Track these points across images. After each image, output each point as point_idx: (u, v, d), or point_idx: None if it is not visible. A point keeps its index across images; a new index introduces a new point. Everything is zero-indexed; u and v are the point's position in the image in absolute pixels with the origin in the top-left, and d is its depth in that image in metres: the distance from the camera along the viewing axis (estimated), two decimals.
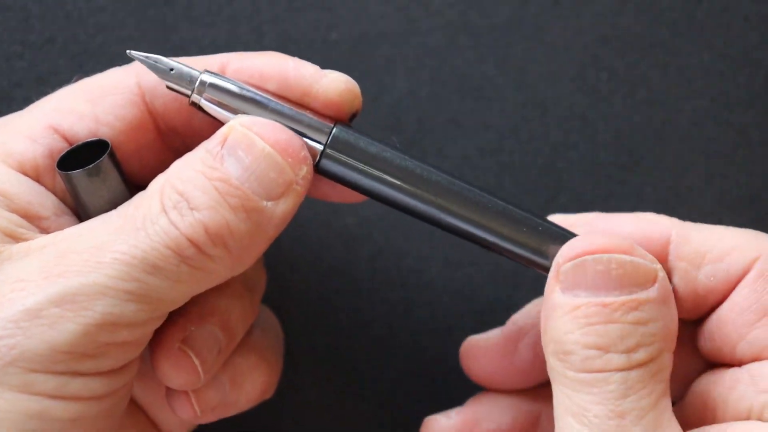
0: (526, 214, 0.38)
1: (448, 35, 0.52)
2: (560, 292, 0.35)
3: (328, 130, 0.38)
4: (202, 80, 0.38)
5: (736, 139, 0.52)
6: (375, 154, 0.38)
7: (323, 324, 0.50)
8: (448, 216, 0.38)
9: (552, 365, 0.35)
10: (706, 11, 0.53)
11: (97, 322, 0.34)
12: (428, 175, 0.38)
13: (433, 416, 0.44)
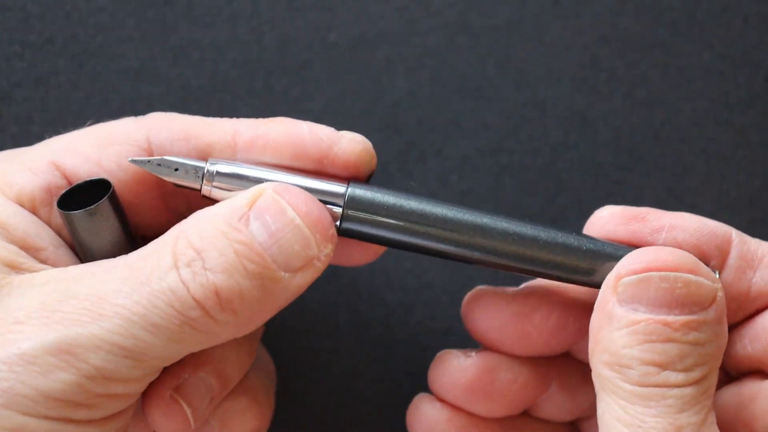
0: (562, 234, 0.38)
1: (447, 36, 0.52)
2: (617, 303, 0.35)
3: (343, 191, 0.38)
4: (208, 170, 0.37)
5: (735, 140, 0.52)
6: (395, 206, 0.38)
7: (323, 325, 0.50)
8: (482, 253, 0.38)
9: (603, 374, 0.36)
10: (706, 11, 0.53)
11: (91, 374, 0.34)
12: (455, 215, 0.38)
13: (450, 351, 0.42)
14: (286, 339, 0.50)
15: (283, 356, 0.50)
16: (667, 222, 0.38)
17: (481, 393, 0.41)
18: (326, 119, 0.51)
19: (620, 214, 0.39)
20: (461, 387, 0.42)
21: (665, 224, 0.38)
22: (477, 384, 0.41)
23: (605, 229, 0.39)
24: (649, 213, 0.39)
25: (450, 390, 0.42)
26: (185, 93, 0.51)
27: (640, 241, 0.38)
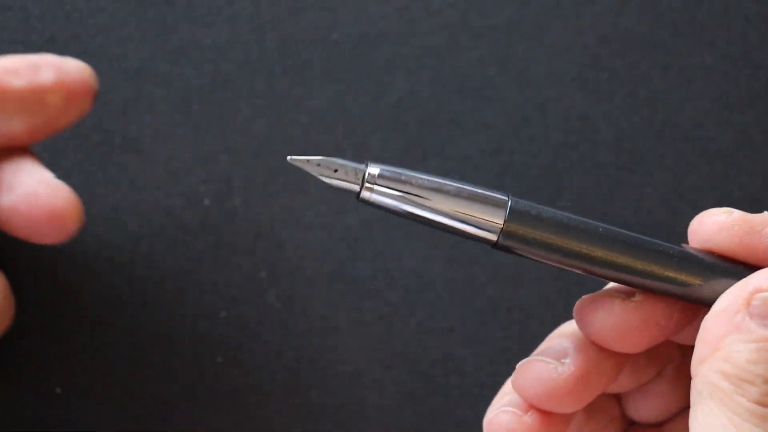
0: (671, 246, 0.38)
1: (448, 36, 0.52)
2: (749, 316, 0.35)
3: (503, 204, 0.37)
4: (369, 173, 0.37)
5: (737, 140, 0.52)
6: (554, 221, 0.38)
7: (325, 324, 0.50)
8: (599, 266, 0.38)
9: (718, 384, 0.35)
10: (707, 11, 0.53)
11: None
12: (607, 233, 0.38)
13: (540, 359, 0.41)
14: (286, 339, 0.50)
15: (284, 356, 0.50)
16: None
17: (576, 398, 0.41)
18: (327, 119, 0.51)
19: (737, 226, 0.38)
20: (557, 397, 0.41)
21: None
22: (574, 392, 0.41)
23: (720, 236, 0.38)
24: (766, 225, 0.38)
25: (544, 399, 0.41)
26: (186, 93, 0.51)
27: (751, 257, 0.38)
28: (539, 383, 0.41)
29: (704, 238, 0.38)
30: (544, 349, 0.41)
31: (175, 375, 0.50)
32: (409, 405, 0.50)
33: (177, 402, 0.50)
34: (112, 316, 0.50)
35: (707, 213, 0.39)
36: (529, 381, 0.41)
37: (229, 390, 0.50)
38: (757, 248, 0.38)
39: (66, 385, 0.49)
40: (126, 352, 0.50)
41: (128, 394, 0.49)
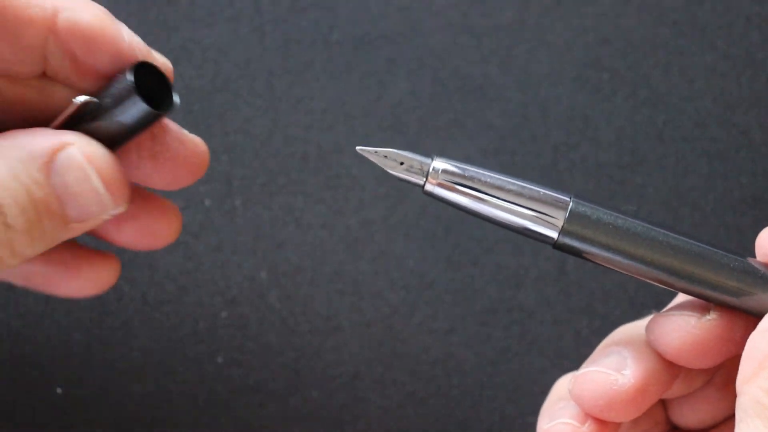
0: (738, 259, 0.38)
1: (449, 36, 0.52)
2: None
3: (564, 205, 0.38)
4: (434, 167, 0.37)
5: (738, 140, 0.52)
6: (611, 225, 0.38)
7: (325, 325, 0.50)
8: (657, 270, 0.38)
9: (761, 401, 0.35)
10: (708, 12, 0.53)
11: None
12: (659, 236, 0.38)
13: (599, 370, 0.41)
14: (286, 339, 0.50)
15: (284, 356, 0.50)
16: None
17: (635, 409, 0.41)
18: (328, 119, 0.51)
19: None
20: (617, 407, 0.41)
21: None
22: (633, 403, 0.41)
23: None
24: None
25: (604, 410, 0.41)
26: (187, 93, 0.51)
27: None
28: (600, 394, 0.41)
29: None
30: (601, 359, 0.41)
31: (175, 375, 0.50)
32: (410, 405, 0.50)
33: (177, 402, 0.50)
34: (112, 316, 0.50)
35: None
36: (589, 392, 0.41)
37: (229, 390, 0.50)
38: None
39: (66, 385, 0.49)
40: (126, 352, 0.50)
41: (128, 394, 0.49)
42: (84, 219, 0.36)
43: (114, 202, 0.36)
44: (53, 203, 0.35)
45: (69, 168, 0.35)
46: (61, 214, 0.36)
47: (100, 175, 0.35)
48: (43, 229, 0.36)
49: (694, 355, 0.40)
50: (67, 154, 0.35)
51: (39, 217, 0.35)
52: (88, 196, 0.36)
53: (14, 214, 0.35)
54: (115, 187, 0.36)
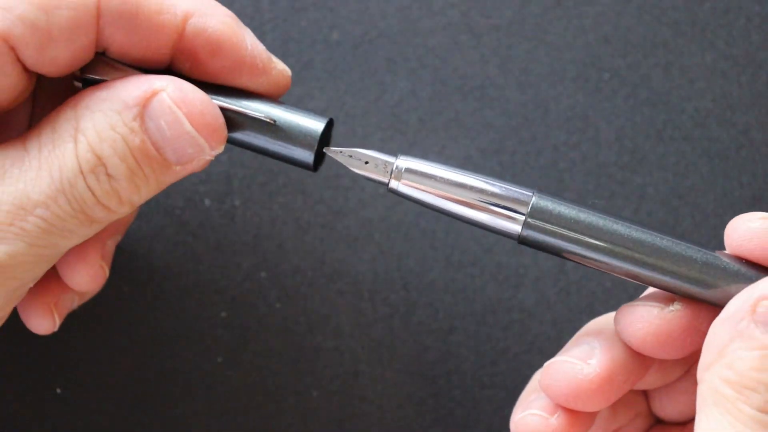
0: (703, 251, 0.38)
1: (449, 35, 0.52)
2: (754, 324, 0.35)
3: (528, 200, 0.38)
4: (398, 166, 0.38)
5: (738, 140, 0.52)
6: (574, 219, 0.38)
7: (325, 325, 0.50)
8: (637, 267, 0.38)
9: (722, 391, 0.35)
10: (709, 11, 0.52)
11: (16, 287, 0.36)
12: (621, 230, 0.38)
13: (566, 360, 0.41)
14: (287, 339, 0.50)
15: (284, 356, 0.50)
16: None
17: (603, 398, 0.41)
18: None
19: (764, 234, 0.38)
20: (583, 396, 0.41)
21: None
22: (600, 392, 0.41)
23: (753, 243, 0.38)
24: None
25: (570, 399, 0.41)
26: None
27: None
28: (565, 383, 0.41)
29: (736, 243, 0.38)
30: (570, 350, 0.42)
31: (175, 375, 0.50)
32: (409, 405, 0.50)
33: (177, 402, 0.50)
34: (112, 316, 0.50)
35: (741, 218, 0.39)
36: (555, 381, 0.41)
37: (229, 390, 0.50)
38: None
39: (66, 385, 0.49)
40: (126, 352, 0.50)
41: (128, 395, 0.49)
42: (184, 162, 0.37)
43: (209, 144, 0.37)
44: (150, 149, 0.36)
45: (161, 113, 0.36)
46: (161, 159, 0.37)
47: (190, 119, 0.36)
48: (145, 175, 0.37)
49: (658, 346, 0.40)
50: (158, 100, 0.36)
51: (139, 164, 0.36)
52: (182, 140, 0.37)
53: (115, 164, 0.36)
54: (208, 129, 0.37)
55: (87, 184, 0.36)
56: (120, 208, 0.37)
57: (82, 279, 0.42)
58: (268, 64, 0.38)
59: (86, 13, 0.35)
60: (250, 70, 0.38)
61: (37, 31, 0.35)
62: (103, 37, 0.36)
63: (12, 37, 0.35)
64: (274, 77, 0.38)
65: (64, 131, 0.36)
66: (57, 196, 0.35)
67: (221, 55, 0.37)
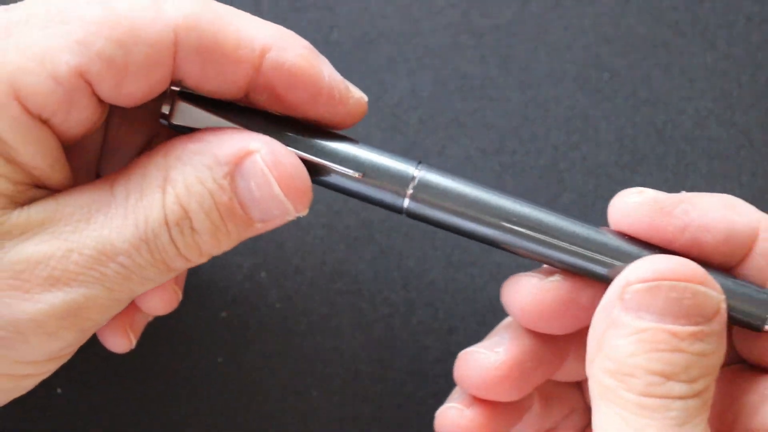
0: (587, 227, 0.38)
1: (449, 35, 0.52)
2: (623, 311, 0.35)
3: (413, 173, 0.38)
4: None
5: (738, 140, 0.52)
6: (460, 193, 0.38)
7: (325, 325, 0.50)
8: (525, 241, 0.38)
9: (605, 383, 0.35)
10: (709, 11, 0.52)
11: (90, 327, 0.37)
12: (503, 203, 0.38)
13: (475, 350, 0.42)
14: (287, 339, 0.50)
15: (284, 356, 0.50)
16: (694, 220, 0.38)
17: (512, 385, 0.41)
18: None
19: (646, 207, 0.38)
20: (493, 384, 0.41)
21: (690, 222, 0.38)
22: (508, 379, 0.41)
23: (629, 218, 0.38)
24: (678, 205, 0.38)
25: (481, 388, 0.41)
26: None
27: (661, 237, 0.38)
28: (475, 372, 0.41)
29: (616, 219, 0.39)
30: (484, 341, 0.42)
31: (175, 375, 0.50)
32: (409, 405, 0.50)
33: (177, 402, 0.50)
34: None
35: (620, 194, 0.39)
36: (465, 371, 0.42)
37: (229, 390, 0.50)
38: (666, 229, 0.38)
39: (66, 385, 0.49)
40: (127, 352, 0.50)
41: (128, 394, 0.49)
42: (267, 220, 0.37)
43: (295, 207, 0.37)
44: (237, 208, 0.36)
45: (252, 175, 0.36)
46: (246, 218, 0.37)
47: (280, 183, 0.37)
48: (228, 231, 0.37)
49: (538, 317, 0.40)
50: (251, 161, 0.36)
51: (224, 220, 0.36)
52: (270, 202, 0.37)
53: (200, 219, 0.36)
54: (296, 194, 0.37)
55: (171, 236, 0.36)
56: (199, 259, 0.37)
57: (158, 305, 0.42)
58: (345, 93, 0.38)
59: (164, 49, 0.35)
60: (327, 101, 0.38)
61: (114, 67, 0.35)
62: (179, 71, 0.36)
63: (89, 73, 0.35)
64: (351, 107, 0.38)
65: (153, 180, 0.36)
66: (140, 246, 0.36)
67: (299, 88, 0.37)
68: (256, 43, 0.36)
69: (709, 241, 0.38)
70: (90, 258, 0.35)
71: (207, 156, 0.36)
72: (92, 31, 0.34)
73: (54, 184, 0.37)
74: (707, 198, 0.38)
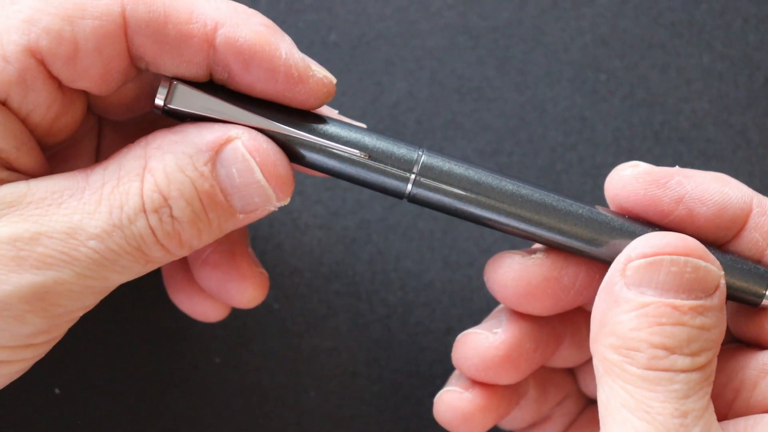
0: (586, 206, 0.39)
1: (447, 36, 0.52)
2: (625, 287, 0.35)
3: (416, 159, 0.38)
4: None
5: (735, 141, 0.52)
6: (463, 176, 0.38)
7: (323, 325, 0.50)
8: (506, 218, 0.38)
9: (609, 358, 0.35)
10: (706, 12, 0.53)
11: (61, 314, 0.36)
12: (510, 187, 0.38)
13: (474, 331, 0.42)
14: (285, 339, 0.50)
15: (282, 357, 0.50)
16: (689, 192, 0.38)
17: (511, 367, 0.41)
18: None
19: (641, 179, 0.38)
20: (492, 366, 0.41)
21: (685, 194, 0.38)
22: (507, 360, 0.41)
23: (625, 190, 0.39)
24: (673, 177, 0.38)
25: (481, 370, 0.41)
26: None
27: (656, 210, 0.38)
28: (473, 354, 0.41)
29: (612, 194, 0.39)
30: (482, 323, 0.42)
31: (173, 375, 0.50)
32: (407, 405, 0.50)
33: (175, 402, 0.50)
34: (111, 316, 0.50)
35: (616, 168, 0.39)
36: (464, 353, 0.42)
37: (227, 390, 0.50)
38: (661, 201, 0.38)
39: (65, 385, 0.49)
40: (124, 352, 0.50)
41: (127, 395, 0.50)
42: (249, 210, 0.37)
43: (277, 195, 0.37)
44: (218, 195, 0.36)
45: (233, 161, 0.36)
46: (227, 206, 0.37)
47: (262, 169, 0.36)
48: (209, 221, 0.37)
49: (520, 295, 0.40)
50: (232, 147, 0.36)
51: (204, 208, 0.36)
52: (251, 188, 0.37)
53: (180, 206, 0.36)
54: (278, 180, 0.37)
55: (149, 222, 0.35)
56: (179, 250, 0.37)
57: (253, 293, 0.42)
58: (305, 72, 0.37)
59: (112, 22, 0.35)
60: (286, 80, 0.37)
61: (63, 42, 0.35)
62: (134, 47, 0.36)
63: (39, 51, 0.35)
64: (312, 85, 0.38)
65: (132, 169, 0.36)
66: (113, 231, 0.35)
67: (254, 65, 0.36)
68: (208, 18, 0.36)
69: (703, 213, 0.38)
70: (59, 241, 0.35)
71: (187, 144, 0.36)
72: (39, 8, 0.35)
73: (24, 168, 0.36)
74: (701, 173, 0.39)
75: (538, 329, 0.42)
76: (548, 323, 0.42)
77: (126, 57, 0.36)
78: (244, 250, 0.43)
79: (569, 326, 0.43)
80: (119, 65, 0.36)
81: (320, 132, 0.38)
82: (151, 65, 0.37)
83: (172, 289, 0.44)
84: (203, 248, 0.42)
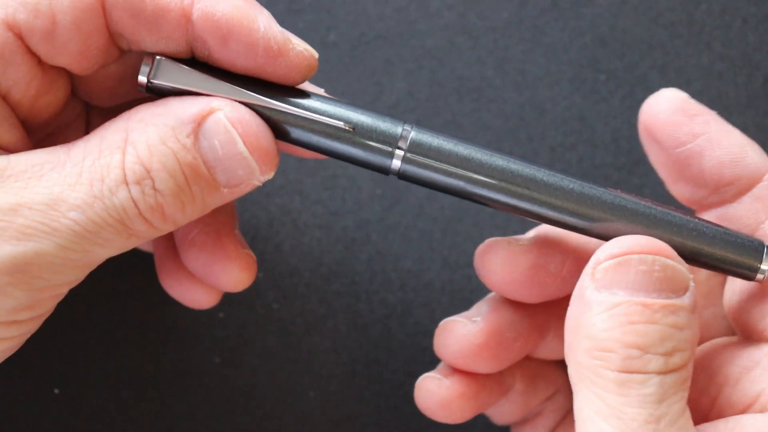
0: (577, 181, 0.38)
1: (446, 37, 0.52)
2: (596, 290, 0.35)
3: (406, 134, 0.37)
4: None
5: None
6: (452, 152, 0.38)
7: (322, 326, 0.50)
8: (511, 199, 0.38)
9: (584, 363, 0.35)
10: (705, 13, 0.53)
11: (43, 288, 0.35)
12: (506, 165, 0.38)
13: (454, 319, 0.42)
14: (285, 340, 0.50)
15: (282, 357, 0.50)
16: (711, 132, 0.38)
17: (490, 355, 0.41)
18: None
19: (673, 103, 0.39)
20: (470, 353, 0.41)
21: (707, 132, 0.38)
22: (486, 348, 0.41)
23: (653, 108, 0.39)
24: (703, 114, 0.39)
25: (459, 357, 0.41)
26: None
27: (673, 138, 0.38)
28: (453, 341, 0.42)
29: (644, 108, 0.40)
30: (465, 312, 0.42)
31: (172, 375, 0.50)
32: (406, 406, 0.50)
33: (174, 402, 0.50)
34: (110, 316, 0.50)
35: (658, 92, 0.40)
36: (444, 340, 0.42)
37: (227, 390, 0.50)
38: (681, 129, 0.39)
39: (64, 385, 0.49)
40: (123, 352, 0.50)
41: (125, 395, 0.50)
42: (233, 184, 0.37)
43: (260, 168, 0.37)
44: (201, 167, 0.36)
45: (215, 132, 0.36)
46: (210, 179, 0.36)
47: (245, 140, 0.36)
48: (192, 194, 0.36)
49: (506, 281, 0.40)
50: (214, 119, 0.36)
51: (188, 181, 0.36)
52: (234, 161, 0.36)
53: (163, 179, 0.35)
54: (261, 152, 0.37)
55: (131, 194, 0.35)
56: (162, 224, 0.36)
57: (239, 275, 0.42)
58: (285, 45, 0.37)
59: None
60: (265, 53, 0.37)
61: (40, 15, 0.35)
62: (112, 22, 0.36)
63: (17, 25, 0.35)
64: (293, 59, 0.37)
65: (113, 142, 0.36)
66: (94, 202, 0.35)
67: (232, 39, 0.36)
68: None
69: (716, 156, 0.38)
70: (39, 212, 0.34)
71: (170, 117, 0.36)
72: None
73: (5, 144, 0.36)
74: (733, 128, 0.39)
75: (519, 319, 0.42)
76: (532, 314, 0.42)
77: (105, 33, 0.36)
78: (230, 231, 0.42)
79: (555, 317, 0.43)
80: (98, 41, 0.36)
81: (303, 105, 0.37)
82: (132, 43, 0.37)
83: (163, 274, 0.44)
84: (190, 229, 0.41)
